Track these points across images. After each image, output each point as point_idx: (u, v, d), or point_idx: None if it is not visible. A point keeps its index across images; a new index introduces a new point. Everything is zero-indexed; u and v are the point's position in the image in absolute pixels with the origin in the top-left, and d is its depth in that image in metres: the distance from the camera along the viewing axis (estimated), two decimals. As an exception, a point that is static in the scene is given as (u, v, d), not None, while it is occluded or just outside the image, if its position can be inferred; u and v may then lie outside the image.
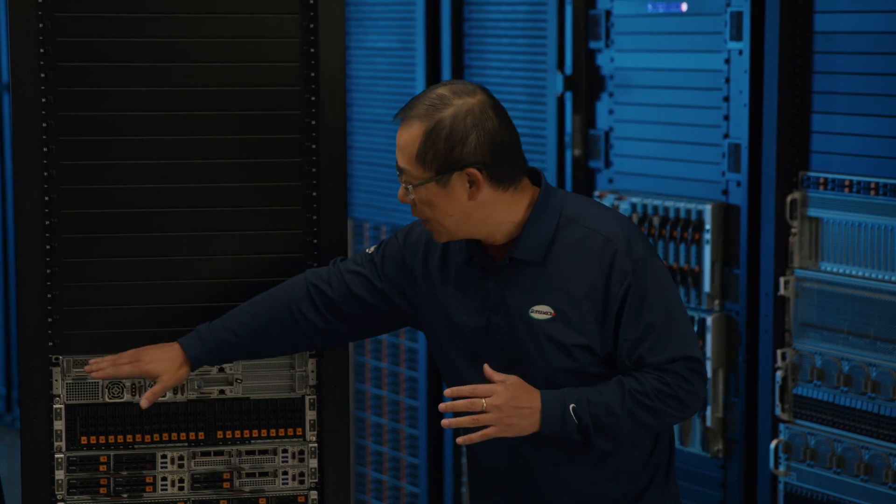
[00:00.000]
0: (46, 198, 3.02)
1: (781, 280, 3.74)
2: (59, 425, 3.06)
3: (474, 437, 2.81)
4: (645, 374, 2.83)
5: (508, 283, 2.89)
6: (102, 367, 2.99)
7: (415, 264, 2.99)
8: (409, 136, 2.84)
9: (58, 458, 3.06)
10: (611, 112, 4.24)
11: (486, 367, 2.82)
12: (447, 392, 2.84)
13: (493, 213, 2.86)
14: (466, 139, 2.82)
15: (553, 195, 2.90)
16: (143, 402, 2.96)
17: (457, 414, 2.82)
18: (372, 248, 3.04)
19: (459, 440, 2.83)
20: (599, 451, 2.88)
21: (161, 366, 2.98)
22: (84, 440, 3.06)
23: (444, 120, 2.82)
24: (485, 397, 2.80)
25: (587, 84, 4.29)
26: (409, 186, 2.85)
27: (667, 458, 2.98)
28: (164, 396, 3.08)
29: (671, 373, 2.83)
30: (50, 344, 3.04)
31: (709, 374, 3.87)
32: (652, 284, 2.84)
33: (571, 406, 2.81)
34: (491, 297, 2.90)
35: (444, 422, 2.83)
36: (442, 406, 2.82)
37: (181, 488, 3.09)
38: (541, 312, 2.86)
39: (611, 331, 2.84)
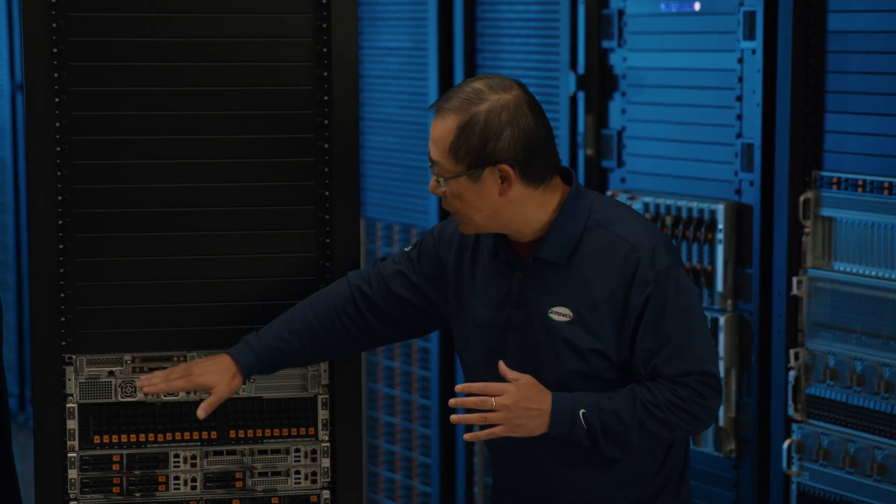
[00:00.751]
0: (59, 197, 3.02)
1: (794, 280, 3.74)
2: (72, 424, 3.06)
3: (481, 434, 2.81)
4: (659, 385, 2.82)
5: (531, 281, 2.89)
6: (154, 382, 3.00)
7: (448, 259, 2.99)
8: (444, 128, 2.83)
9: (71, 458, 3.06)
10: (623, 111, 4.23)
11: (501, 364, 2.82)
12: (458, 388, 2.84)
13: (523, 210, 2.86)
14: (500, 135, 2.81)
15: (583, 197, 2.89)
16: (200, 413, 2.97)
17: (468, 411, 2.82)
18: (410, 247, 3.05)
19: (466, 437, 2.83)
20: (609, 456, 2.88)
21: (214, 377, 2.98)
22: (97, 439, 3.07)
23: (479, 114, 2.81)
24: (496, 395, 2.80)
25: (600, 83, 4.29)
26: (441, 179, 2.85)
27: (680, 466, 2.96)
28: (176, 396, 3.08)
29: (685, 386, 2.81)
30: (63, 343, 3.05)
31: (721, 374, 3.87)
32: (673, 296, 2.82)
33: (581, 411, 2.80)
34: (513, 293, 2.90)
35: (453, 417, 2.83)
36: (452, 401, 2.82)
37: (194, 487, 3.10)
38: (560, 314, 2.86)
39: (628, 338, 2.83)
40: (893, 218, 3.54)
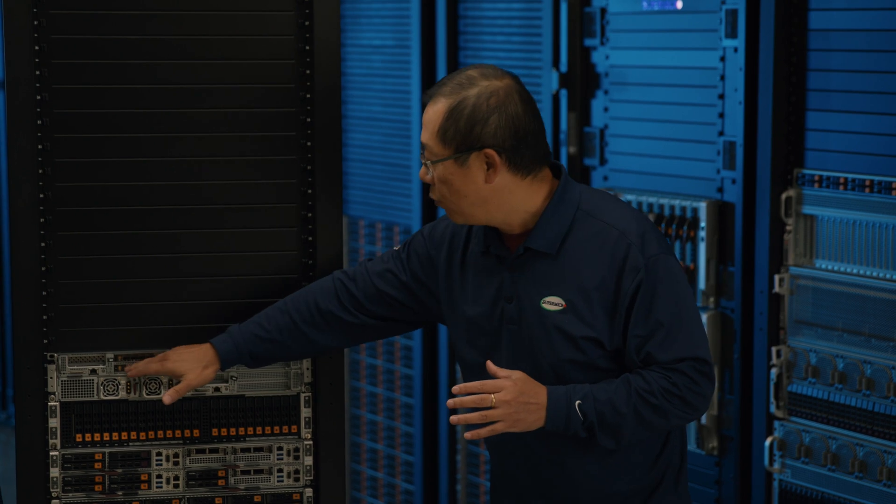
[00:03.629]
0: (41, 195, 3.02)
1: (776, 277, 3.74)
2: (53, 423, 3.05)
3: (482, 432, 2.82)
4: (652, 372, 2.83)
5: (522, 273, 2.90)
6: (136, 365, 3.04)
7: (438, 258, 3.00)
8: (434, 111, 2.86)
9: (52, 456, 3.06)
10: (606, 109, 4.24)
11: (489, 364, 2.83)
12: (455, 388, 2.84)
13: (510, 199, 2.87)
14: (487, 120, 2.83)
15: (572, 188, 2.91)
16: (166, 399, 3.00)
17: (469, 409, 2.83)
18: (399, 246, 3.07)
19: (467, 435, 2.83)
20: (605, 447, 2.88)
21: (186, 365, 3.00)
22: (79, 438, 3.06)
23: (468, 98, 2.83)
24: (493, 393, 2.80)
25: (582, 81, 4.30)
26: (429, 163, 2.86)
27: (678, 461, 2.96)
28: (159, 394, 3.07)
29: (678, 372, 2.82)
30: (45, 341, 3.04)
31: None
32: (664, 282, 2.84)
33: (577, 402, 2.81)
34: (505, 287, 2.90)
35: (454, 418, 2.83)
36: (450, 402, 2.82)
37: (176, 486, 3.09)
38: (552, 304, 2.87)
39: (620, 325, 2.84)
40: (875, 216, 3.55)
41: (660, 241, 2.87)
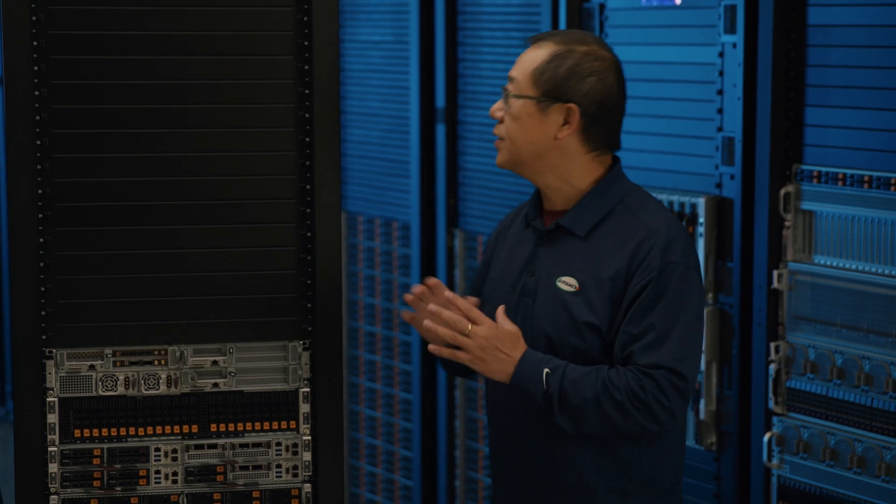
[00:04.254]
0: (40, 191, 3.01)
1: (775, 273, 3.74)
2: (52, 418, 3.05)
3: (444, 350, 2.85)
4: (627, 371, 2.82)
5: (549, 249, 2.92)
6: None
7: (496, 250, 3.05)
8: (537, 53, 2.89)
9: (51, 452, 3.06)
10: (605, 105, 4.23)
11: (499, 309, 2.86)
12: (447, 294, 2.87)
13: (566, 165, 2.88)
14: (585, 79, 2.86)
15: (621, 181, 2.93)
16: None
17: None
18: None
19: (430, 347, 2.87)
20: (599, 453, 2.87)
21: None
22: (77, 433, 3.06)
23: (575, 53, 2.87)
24: (474, 323, 2.82)
25: (581, 77, 4.29)
26: (510, 96, 2.86)
27: (671, 476, 2.94)
28: (157, 390, 3.08)
29: (651, 378, 2.81)
30: (43, 337, 3.04)
31: (702, 368, 3.87)
32: (672, 289, 2.83)
33: (546, 370, 2.81)
34: (531, 260, 2.93)
35: (431, 347, 2.87)
36: (431, 307, 2.85)
37: (175, 481, 3.09)
38: (567, 283, 2.88)
39: (620, 319, 2.84)
40: (874, 211, 3.55)
41: (686, 253, 2.86)
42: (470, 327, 2.84)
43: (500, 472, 3.06)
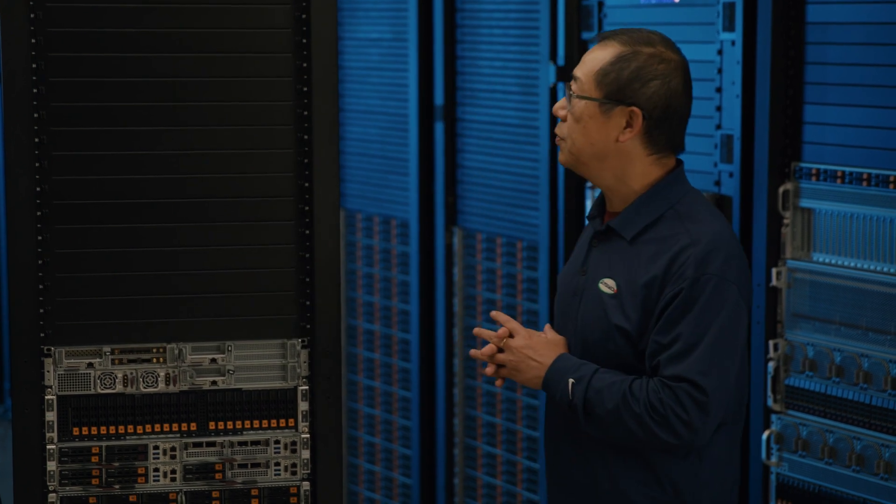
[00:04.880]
0: (38, 188, 3.01)
1: (773, 271, 3.74)
2: (50, 416, 3.05)
3: (487, 370, 2.94)
4: (651, 382, 2.79)
5: (600, 249, 2.92)
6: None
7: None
8: (602, 53, 2.86)
9: (50, 449, 3.05)
10: (603, 103, 4.23)
11: (546, 326, 2.93)
12: (492, 314, 2.97)
13: (627, 167, 2.87)
14: (650, 82, 2.83)
15: (678, 186, 2.90)
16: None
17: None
18: None
19: (472, 352, 2.97)
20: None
21: None
22: (76, 431, 3.06)
23: (641, 55, 2.84)
24: (509, 337, 2.90)
25: (580, 75, 4.29)
26: (573, 96, 2.85)
27: (711, 499, 2.90)
28: (155, 388, 3.08)
29: (670, 390, 2.77)
30: (41, 335, 3.04)
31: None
32: (705, 302, 2.78)
33: (571, 381, 2.80)
34: (586, 258, 2.94)
35: (472, 352, 2.97)
36: (476, 330, 2.99)
37: (173, 479, 3.09)
38: (607, 286, 2.87)
39: (649, 328, 2.82)
40: (872, 209, 3.55)
41: (727, 266, 2.81)
42: (504, 341, 2.89)
43: (548, 477, 3.05)
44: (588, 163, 2.87)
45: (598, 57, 2.84)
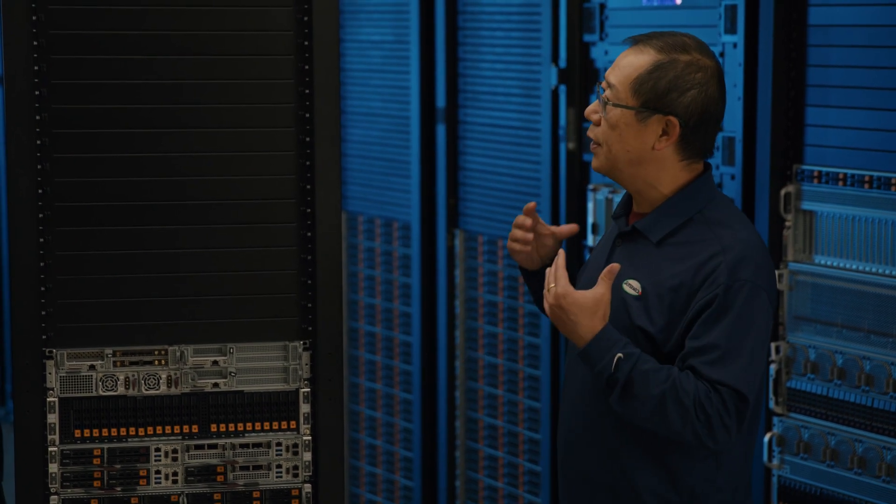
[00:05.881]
0: (40, 190, 3.01)
1: (776, 273, 3.74)
2: (52, 418, 3.05)
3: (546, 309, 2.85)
4: (700, 382, 2.77)
5: (624, 249, 2.91)
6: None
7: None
8: (638, 60, 2.84)
9: (51, 452, 3.05)
10: (605, 105, 4.23)
11: (603, 271, 2.81)
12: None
13: (660, 172, 2.86)
14: (687, 91, 2.82)
15: (706, 191, 2.89)
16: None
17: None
18: None
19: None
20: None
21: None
22: (78, 433, 3.06)
23: (679, 63, 2.82)
24: (554, 285, 2.81)
25: (581, 77, 4.29)
26: (608, 103, 2.84)
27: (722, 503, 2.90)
28: (157, 390, 3.08)
29: (718, 395, 2.76)
30: (43, 337, 3.04)
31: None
32: (738, 308, 2.77)
33: (618, 355, 2.78)
34: (610, 256, 2.93)
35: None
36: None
37: (175, 481, 3.09)
38: (631, 287, 2.86)
39: (679, 332, 2.81)
40: (874, 211, 3.55)
41: (758, 273, 2.81)
42: (552, 286, 2.81)
43: (561, 473, 3.04)
44: (623, 169, 2.87)
45: (633, 63, 2.83)
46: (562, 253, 2.88)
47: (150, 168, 3.04)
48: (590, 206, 4.31)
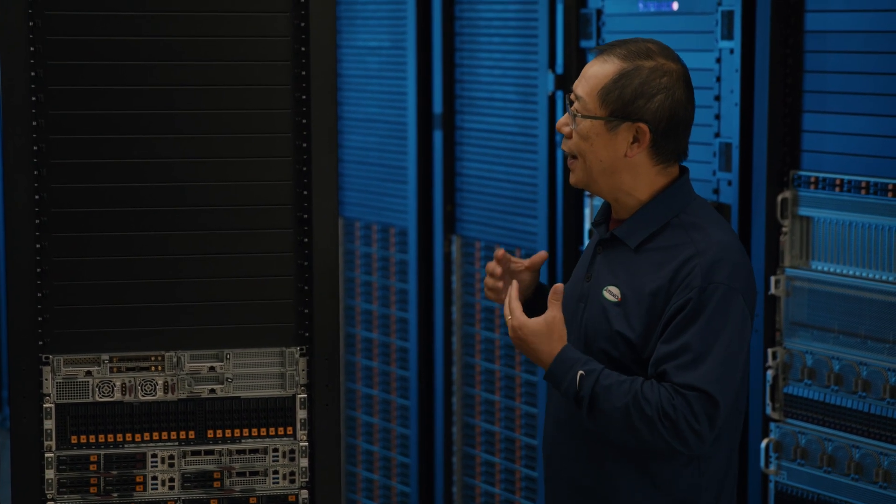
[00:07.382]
0: (37, 196, 3.01)
1: (772, 279, 3.74)
2: (49, 424, 3.05)
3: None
4: (662, 387, 2.78)
5: (604, 256, 2.92)
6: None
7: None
8: (603, 70, 2.84)
9: (48, 458, 3.05)
10: (602, 111, 4.23)
11: (554, 290, 2.87)
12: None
13: (634, 179, 2.87)
14: (654, 97, 2.82)
15: (683, 195, 2.90)
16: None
17: None
18: None
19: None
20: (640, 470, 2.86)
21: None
22: (74, 439, 3.06)
23: (643, 70, 2.83)
24: (511, 316, 2.88)
25: (578, 83, 4.29)
26: (577, 115, 2.85)
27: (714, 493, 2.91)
28: (154, 396, 3.07)
29: (683, 398, 2.76)
30: (40, 343, 3.04)
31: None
32: (713, 312, 2.77)
33: (580, 372, 2.79)
34: (591, 264, 2.94)
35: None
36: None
37: (171, 488, 3.09)
38: (611, 293, 2.87)
39: (655, 336, 2.82)
40: (871, 217, 3.55)
41: (733, 276, 2.80)
42: (509, 318, 2.89)
43: (547, 480, 3.05)
44: (598, 179, 2.87)
45: (598, 73, 2.84)
46: (515, 284, 2.93)
47: (146, 174, 3.04)
48: (587, 211, 4.31)
